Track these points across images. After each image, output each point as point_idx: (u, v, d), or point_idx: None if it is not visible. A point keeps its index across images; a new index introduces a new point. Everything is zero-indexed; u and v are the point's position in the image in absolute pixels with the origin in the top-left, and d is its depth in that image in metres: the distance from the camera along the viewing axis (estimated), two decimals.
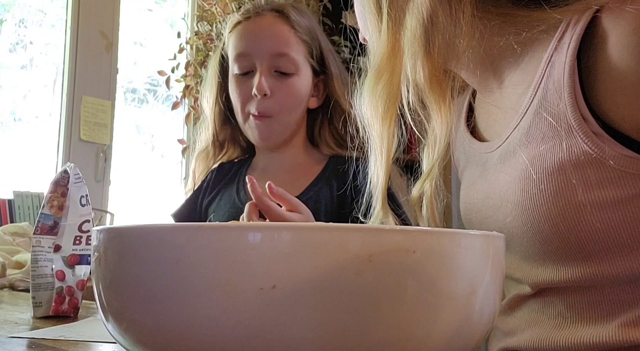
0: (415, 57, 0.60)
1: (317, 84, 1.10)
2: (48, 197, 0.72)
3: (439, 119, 0.63)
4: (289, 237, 0.29)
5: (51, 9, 2.59)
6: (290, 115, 1.07)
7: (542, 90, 0.56)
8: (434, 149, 0.65)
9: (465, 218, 0.70)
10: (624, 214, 0.52)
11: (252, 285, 0.28)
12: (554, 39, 0.55)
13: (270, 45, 1.05)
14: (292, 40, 1.06)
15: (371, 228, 0.30)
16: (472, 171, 0.68)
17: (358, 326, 0.29)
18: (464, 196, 0.70)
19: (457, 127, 0.73)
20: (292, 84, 1.06)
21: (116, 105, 2.56)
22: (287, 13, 1.08)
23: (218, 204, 1.14)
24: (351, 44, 3.03)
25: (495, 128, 0.64)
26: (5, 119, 2.48)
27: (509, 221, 0.58)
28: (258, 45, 1.05)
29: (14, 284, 0.93)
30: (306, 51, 1.08)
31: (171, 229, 0.31)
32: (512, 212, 0.57)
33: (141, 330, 0.32)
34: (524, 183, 0.56)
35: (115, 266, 0.33)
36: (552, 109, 0.54)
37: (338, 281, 0.28)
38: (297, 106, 1.07)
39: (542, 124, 0.55)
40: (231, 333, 0.29)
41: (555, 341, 0.58)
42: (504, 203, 0.59)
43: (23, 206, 1.94)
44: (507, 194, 0.58)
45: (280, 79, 1.05)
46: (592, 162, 0.52)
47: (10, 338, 0.53)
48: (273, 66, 1.05)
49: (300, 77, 1.06)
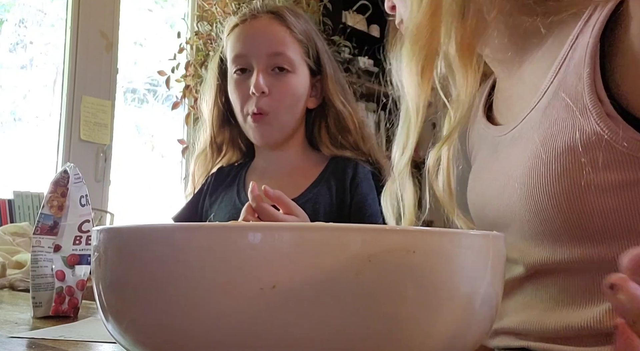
0: (450, 22, 0.62)
1: (314, 84, 1.12)
2: (48, 197, 0.72)
3: (465, 85, 0.64)
4: (289, 237, 0.29)
5: (51, 9, 2.59)
6: (289, 113, 1.07)
7: (563, 71, 0.57)
8: (455, 114, 0.66)
9: (471, 200, 0.71)
10: (628, 198, 0.52)
11: (252, 285, 0.28)
12: (581, 21, 0.56)
13: (267, 45, 1.07)
14: (288, 40, 1.08)
15: (371, 228, 0.30)
16: (483, 155, 0.70)
17: (358, 326, 0.29)
18: (471, 179, 0.71)
19: (474, 115, 0.74)
20: (289, 82, 1.07)
21: (116, 105, 2.56)
22: (282, 14, 1.10)
23: (219, 206, 1.15)
24: (351, 44, 3.04)
25: (510, 113, 0.66)
26: (5, 119, 2.48)
27: (513, 200, 0.59)
28: (255, 46, 1.07)
29: (14, 284, 0.93)
30: (302, 51, 1.09)
31: (171, 229, 0.31)
32: (517, 191, 0.58)
33: (141, 330, 0.32)
34: (533, 161, 0.56)
35: (115, 266, 0.33)
36: (570, 89, 0.55)
37: (338, 281, 0.28)
38: (295, 104, 1.08)
39: (558, 105, 0.56)
40: (231, 333, 0.29)
41: (545, 324, 0.58)
42: (510, 181, 0.60)
43: (23, 206, 1.94)
44: (515, 173, 0.59)
45: (277, 77, 1.06)
46: (602, 144, 0.52)
47: (10, 338, 0.53)
48: (270, 65, 1.06)
49: (297, 76, 1.08)
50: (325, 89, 1.11)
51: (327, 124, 1.11)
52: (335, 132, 1.11)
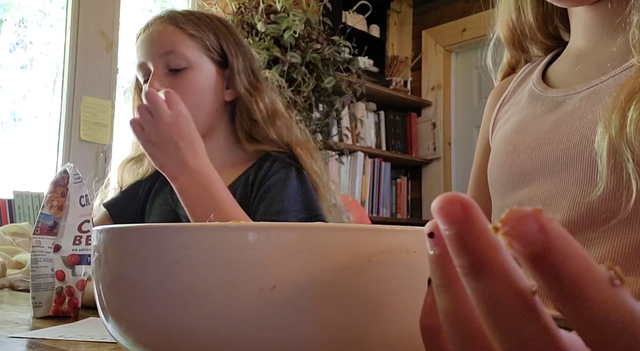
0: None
1: (229, 77, 1.11)
2: (48, 197, 0.72)
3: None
4: (289, 237, 0.29)
5: (51, 9, 2.59)
6: (197, 109, 1.05)
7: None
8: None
9: (507, 152, 0.75)
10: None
11: (252, 285, 0.28)
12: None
13: (157, 46, 1.07)
14: (177, 37, 1.08)
15: (371, 228, 0.30)
16: (535, 111, 0.74)
17: (358, 326, 0.29)
18: (514, 132, 0.75)
19: (522, 79, 0.82)
20: (186, 78, 1.06)
21: (116, 105, 2.56)
22: (172, 16, 1.10)
23: (155, 202, 1.16)
24: (351, 44, 3.04)
25: (576, 77, 0.71)
26: (5, 119, 2.48)
27: (590, 141, 0.62)
28: (147, 51, 1.08)
29: (14, 284, 0.93)
30: (199, 45, 1.09)
31: (171, 229, 0.31)
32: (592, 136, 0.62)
33: (141, 330, 0.32)
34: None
35: (115, 266, 0.33)
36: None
37: (338, 281, 0.28)
38: (200, 100, 1.07)
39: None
40: (231, 333, 0.29)
41: None
42: (587, 126, 0.64)
43: (23, 206, 1.94)
44: (592, 120, 0.63)
45: (174, 77, 1.06)
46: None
47: (10, 338, 0.53)
48: (165, 66, 1.06)
49: (195, 70, 1.07)
50: (234, 83, 1.09)
51: (242, 118, 1.10)
52: (247, 126, 1.10)
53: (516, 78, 0.84)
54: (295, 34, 2.70)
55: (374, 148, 3.57)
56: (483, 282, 0.19)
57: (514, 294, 0.18)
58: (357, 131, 3.43)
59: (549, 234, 0.17)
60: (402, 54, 3.91)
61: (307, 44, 2.77)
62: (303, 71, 2.74)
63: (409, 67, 3.88)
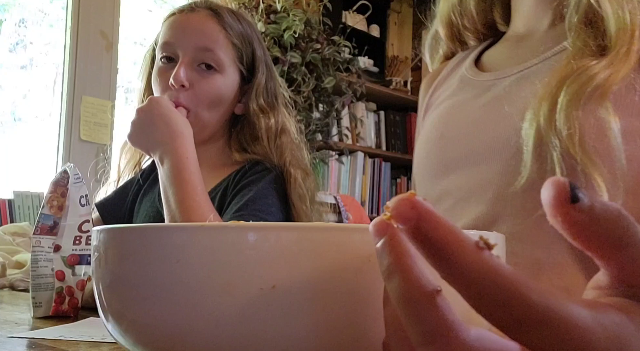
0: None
1: (246, 91, 1.09)
2: (48, 197, 0.72)
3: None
4: (289, 237, 0.29)
5: (51, 9, 2.59)
6: (209, 112, 1.04)
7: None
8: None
9: (434, 138, 0.74)
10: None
11: (252, 285, 0.28)
12: None
13: (196, 38, 1.04)
14: (220, 39, 1.05)
15: None
16: (463, 97, 0.73)
17: (358, 326, 0.29)
18: (443, 117, 0.74)
19: (455, 65, 0.80)
20: (213, 81, 1.04)
21: (116, 105, 2.56)
22: (221, 13, 1.07)
23: (143, 203, 1.15)
24: (351, 44, 3.04)
25: (511, 61, 0.70)
26: (5, 119, 2.48)
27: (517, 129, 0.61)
28: (184, 36, 1.05)
29: (14, 284, 0.93)
30: (235, 54, 1.07)
31: (171, 229, 0.31)
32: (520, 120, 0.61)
33: (141, 330, 0.32)
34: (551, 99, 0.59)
35: (115, 266, 0.33)
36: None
37: (338, 281, 0.28)
38: (217, 105, 1.05)
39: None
40: (231, 333, 0.29)
41: None
42: (516, 107, 0.63)
43: (23, 206, 1.94)
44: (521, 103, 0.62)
45: (202, 73, 1.04)
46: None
47: (10, 338, 0.53)
48: (197, 60, 1.04)
49: (224, 77, 1.05)
50: (249, 98, 1.08)
51: (243, 132, 1.09)
52: (245, 141, 1.08)
53: (449, 64, 0.82)
54: (295, 34, 2.70)
55: (374, 148, 3.57)
56: (396, 282, 0.22)
57: (419, 291, 0.21)
58: (357, 131, 3.43)
59: (419, 211, 0.21)
60: (402, 54, 3.91)
61: (307, 44, 2.77)
62: (303, 71, 2.74)
63: (409, 67, 3.88)
